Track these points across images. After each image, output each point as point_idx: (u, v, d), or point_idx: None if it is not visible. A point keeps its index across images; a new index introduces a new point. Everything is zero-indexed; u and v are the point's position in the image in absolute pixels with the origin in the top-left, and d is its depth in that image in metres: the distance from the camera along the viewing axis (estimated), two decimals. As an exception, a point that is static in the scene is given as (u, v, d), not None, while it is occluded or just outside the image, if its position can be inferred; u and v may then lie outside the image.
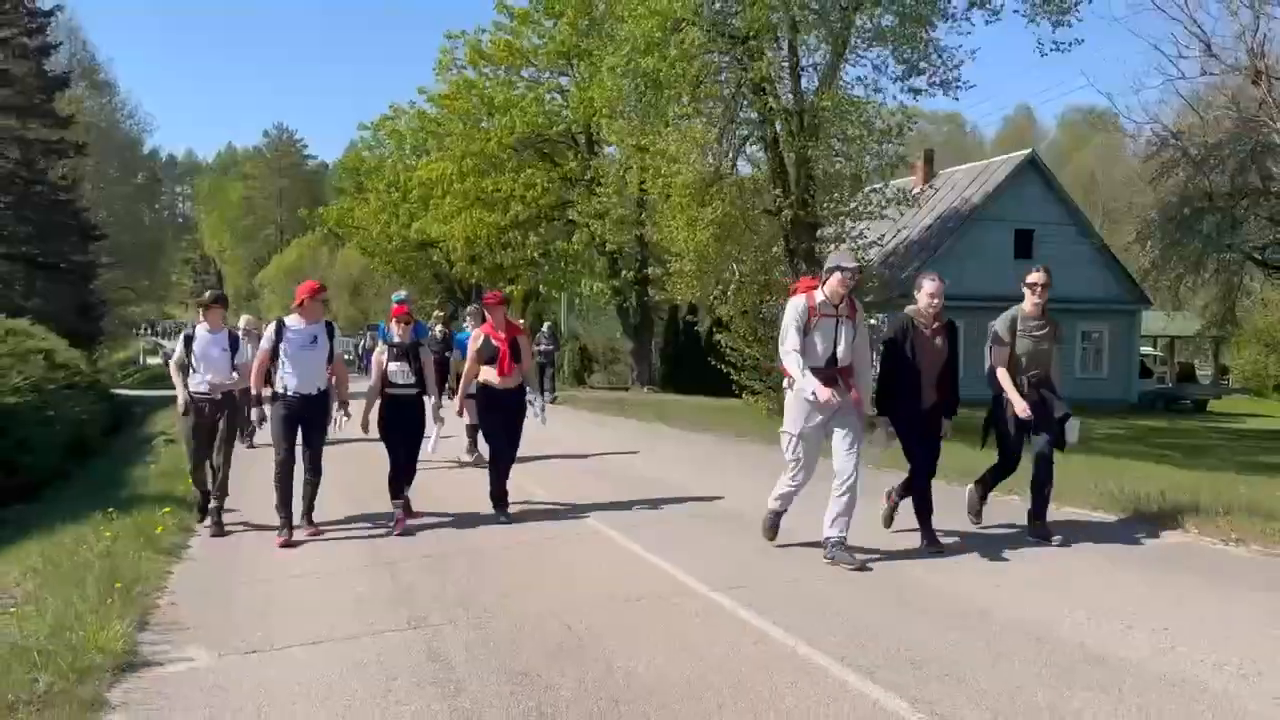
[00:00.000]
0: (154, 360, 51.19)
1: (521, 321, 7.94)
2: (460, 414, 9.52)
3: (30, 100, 22.86)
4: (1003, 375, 6.40)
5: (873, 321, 21.46)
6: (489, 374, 7.35)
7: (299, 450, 6.84)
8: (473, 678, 4.03)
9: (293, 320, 6.83)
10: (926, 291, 6.24)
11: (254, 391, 6.93)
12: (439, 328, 10.64)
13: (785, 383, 5.97)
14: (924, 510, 6.24)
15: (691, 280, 17.32)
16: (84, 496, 8.72)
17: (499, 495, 7.46)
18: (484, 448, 8.32)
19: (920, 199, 30.11)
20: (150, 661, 4.27)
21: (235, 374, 7.10)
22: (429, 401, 7.43)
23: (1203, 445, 18.32)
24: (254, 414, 7.07)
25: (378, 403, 7.24)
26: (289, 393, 6.71)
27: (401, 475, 7.22)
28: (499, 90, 25.90)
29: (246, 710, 3.73)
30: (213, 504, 7.04)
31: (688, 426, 15.65)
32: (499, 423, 7.44)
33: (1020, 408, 6.22)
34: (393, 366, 7.22)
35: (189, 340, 7.04)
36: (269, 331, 6.87)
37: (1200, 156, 22.26)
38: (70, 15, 32.93)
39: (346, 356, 17.72)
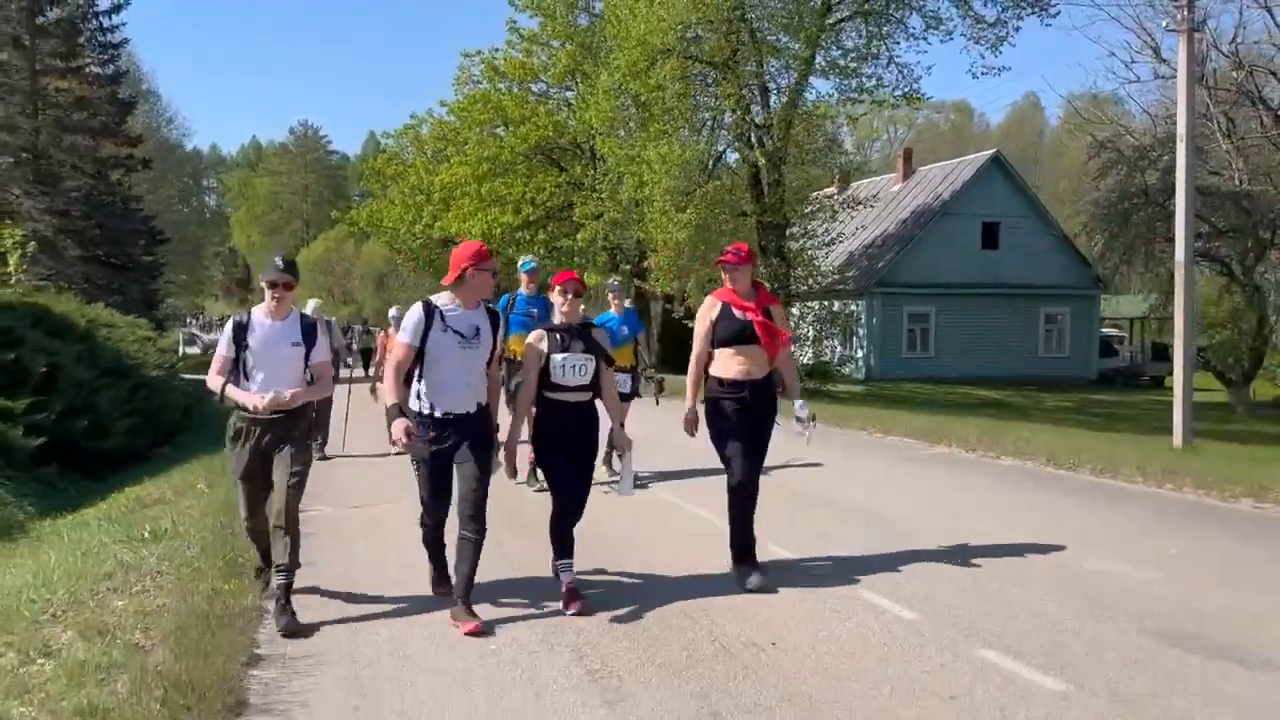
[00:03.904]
0: (192, 350, 55.08)
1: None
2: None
3: (104, 123, 26.32)
4: None
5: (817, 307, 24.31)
6: (726, 364, 5.13)
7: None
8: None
9: (445, 301, 4.58)
10: None
11: (391, 401, 4.59)
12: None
13: None
14: None
15: (669, 273, 20.28)
16: (207, 442, 11.90)
17: (745, 546, 5.15)
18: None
19: (889, 196, 33.11)
20: (296, 512, 7.41)
21: (311, 380, 4.82)
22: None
23: (1128, 415, 21.24)
24: (395, 430, 4.39)
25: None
26: (437, 414, 4.54)
27: (572, 519, 4.89)
28: (513, 105, 28.87)
29: (355, 530, 6.86)
30: (278, 580, 4.64)
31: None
32: (735, 435, 5.10)
33: None
34: (558, 359, 4.79)
35: (241, 329, 4.65)
36: (415, 316, 4.53)
37: (1135, 157, 24.96)
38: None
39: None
